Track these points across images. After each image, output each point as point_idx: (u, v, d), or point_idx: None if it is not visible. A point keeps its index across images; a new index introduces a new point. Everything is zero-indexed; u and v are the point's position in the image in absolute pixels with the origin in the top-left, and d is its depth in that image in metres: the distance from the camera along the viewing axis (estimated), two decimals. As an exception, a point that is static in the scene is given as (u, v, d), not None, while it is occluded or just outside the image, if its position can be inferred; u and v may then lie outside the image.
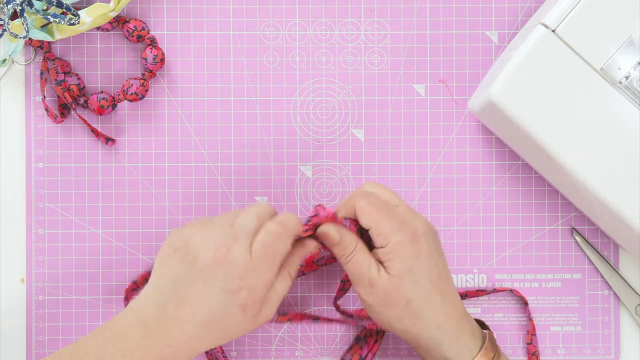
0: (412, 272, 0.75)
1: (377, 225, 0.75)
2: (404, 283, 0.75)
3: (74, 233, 0.88)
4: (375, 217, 0.75)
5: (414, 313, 0.75)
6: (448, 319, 0.76)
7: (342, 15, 0.89)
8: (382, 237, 0.75)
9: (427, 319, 0.75)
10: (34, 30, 0.83)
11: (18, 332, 0.88)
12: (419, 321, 0.76)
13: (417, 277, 0.75)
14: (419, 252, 0.75)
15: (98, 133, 0.87)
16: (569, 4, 0.79)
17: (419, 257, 0.75)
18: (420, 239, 0.75)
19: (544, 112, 0.80)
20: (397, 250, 0.75)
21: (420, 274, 0.75)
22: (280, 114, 0.88)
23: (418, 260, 0.75)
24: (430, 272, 0.75)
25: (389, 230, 0.75)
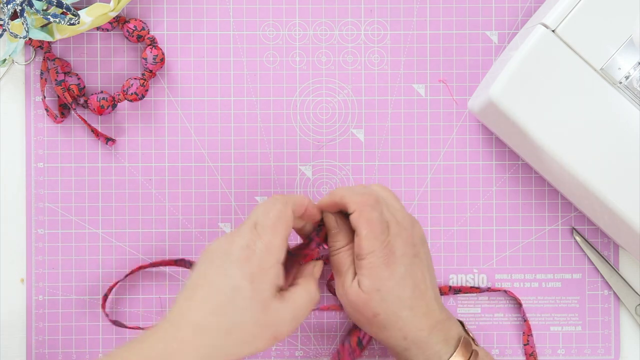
0: (380, 292, 0.75)
1: (361, 240, 0.75)
2: (371, 300, 0.76)
3: (74, 233, 0.88)
4: (364, 232, 0.75)
5: (380, 324, 0.76)
6: (417, 330, 0.76)
7: (342, 15, 0.89)
8: (359, 250, 0.76)
9: (393, 330, 0.76)
10: (34, 30, 0.83)
11: (18, 332, 0.88)
12: (385, 331, 0.77)
13: (385, 296, 0.75)
14: (393, 273, 0.75)
15: (98, 133, 0.87)
16: (569, 4, 0.79)
17: (392, 278, 0.75)
18: (397, 261, 0.75)
19: (544, 112, 0.80)
20: (371, 269, 0.75)
21: (389, 294, 0.75)
22: (280, 114, 0.88)
23: (390, 281, 0.75)
24: (402, 291, 0.76)
25: (369, 249, 0.75)
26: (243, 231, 0.73)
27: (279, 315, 0.72)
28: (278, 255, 0.73)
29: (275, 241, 0.73)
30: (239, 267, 0.71)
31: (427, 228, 0.88)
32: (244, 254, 0.72)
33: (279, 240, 0.73)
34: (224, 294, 0.71)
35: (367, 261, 0.75)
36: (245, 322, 0.71)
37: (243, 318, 0.71)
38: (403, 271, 0.76)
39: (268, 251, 0.73)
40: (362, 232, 0.75)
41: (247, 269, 0.72)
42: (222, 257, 0.72)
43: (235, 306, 0.71)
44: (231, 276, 0.71)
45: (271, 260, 0.73)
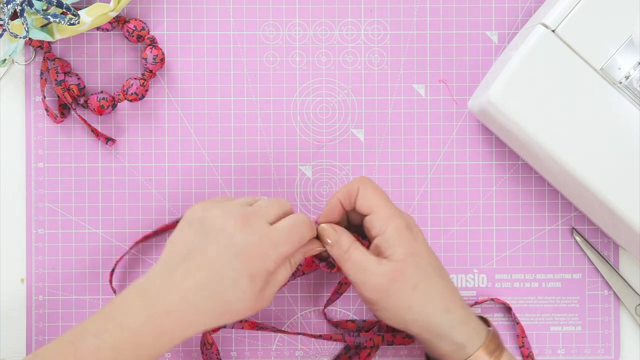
0: (414, 256, 0.75)
1: (379, 209, 0.76)
2: (408, 267, 0.75)
3: (74, 233, 0.88)
4: (377, 202, 0.76)
5: (421, 298, 0.75)
6: (454, 302, 0.76)
7: (342, 15, 0.89)
8: (381, 222, 0.76)
9: (435, 302, 0.76)
10: (34, 30, 0.83)
11: (18, 332, 0.88)
12: (427, 305, 0.76)
13: (419, 260, 0.75)
14: (416, 237, 0.76)
15: (98, 133, 0.87)
16: (569, 4, 0.79)
17: (417, 241, 0.76)
18: (414, 227, 0.77)
19: (543, 112, 0.80)
20: (398, 235, 0.75)
21: (421, 258, 0.76)
22: (280, 114, 0.88)
23: (417, 243, 0.76)
24: (429, 257, 0.76)
25: (389, 214, 0.76)
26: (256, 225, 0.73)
27: (266, 297, 0.74)
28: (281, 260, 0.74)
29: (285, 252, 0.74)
30: (244, 265, 0.72)
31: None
32: (250, 252, 0.72)
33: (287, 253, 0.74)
34: (224, 283, 0.72)
35: (393, 227, 0.75)
36: (240, 309, 0.73)
37: (238, 306, 0.73)
38: (422, 237, 0.77)
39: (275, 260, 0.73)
40: (376, 202, 0.76)
41: (250, 268, 0.72)
42: (227, 244, 0.72)
43: (233, 297, 0.72)
44: (234, 269, 0.72)
45: (271, 267, 0.73)
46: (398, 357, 0.89)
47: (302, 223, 0.75)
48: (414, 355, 0.89)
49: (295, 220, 0.75)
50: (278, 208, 0.76)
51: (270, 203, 0.76)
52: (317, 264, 0.87)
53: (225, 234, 0.72)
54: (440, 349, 0.77)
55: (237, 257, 0.72)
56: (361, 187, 0.77)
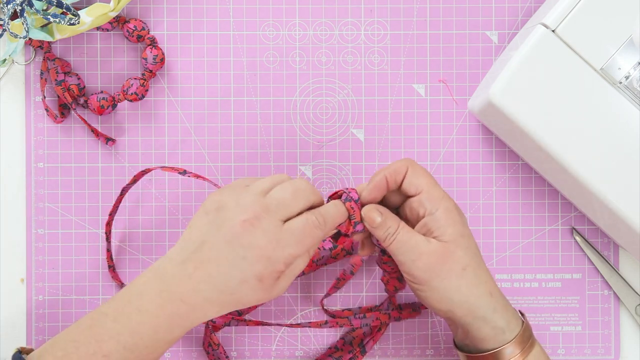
0: (464, 237, 0.76)
1: (429, 189, 0.76)
2: (458, 248, 0.75)
3: (74, 233, 0.88)
4: (427, 181, 0.76)
5: (470, 279, 0.76)
6: (495, 287, 0.77)
7: (342, 15, 0.89)
8: (432, 202, 0.76)
9: (481, 285, 0.76)
10: (34, 30, 0.83)
11: (18, 332, 0.88)
12: (475, 288, 0.76)
13: (468, 243, 0.76)
14: (463, 220, 0.77)
15: (98, 133, 0.87)
16: (569, 4, 0.79)
17: (465, 224, 0.76)
18: (458, 211, 0.77)
19: (543, 112, 0.80)
20: (449, 216, 0.75)
21: (470, 241, 0.76)
22: (280, 114, 0.88)
23: (465, 227, 0.76)
24: (473, 240, 0.77)
25: (440, 195, 0.76)
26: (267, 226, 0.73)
27: (280, 288, 0.74)
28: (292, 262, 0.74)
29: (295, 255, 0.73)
30: (252, 264, 0.72)
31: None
32: (258, 254, 0.72)
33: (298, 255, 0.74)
34: (232, 282, 0.72)
35: (443, 208, 0.75)
36: (250, 302, 0.73)
37: (249, 300, 0.73)
38: (465, 220, 0.77)
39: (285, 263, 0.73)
40: (425, 182, 0.76)
41: (257, 270, 0.72)
42: (236, 244, 0.72)
43: (242, 292, 0.73)
44: (241, 270, 0.72)
45: (282, 268, 0.73)
46: (398, 357, 0.89)
47: (315, 225, 0.74)
48: (414, 355, 0.89)
49: (307, 222, 0.74)
50: (293, 199, 0.74)
51: (285, 193, 0.74)
52: (317, 264, 0.87)
53: (235, 232, 0.72)
54: (480, 333, 0.77)
55: (245, 260, 0.72)
56: (410, 167, 0.77)
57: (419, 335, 0.89)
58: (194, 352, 0.88)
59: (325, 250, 0.87)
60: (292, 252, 0.73)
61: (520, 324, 0.77)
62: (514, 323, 0.77)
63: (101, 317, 0.73)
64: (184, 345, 0.88)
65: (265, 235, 0.72)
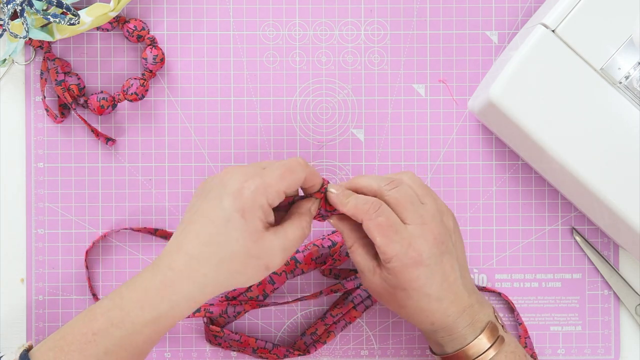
0: (406, 291, 0.76)
1: (381, 245, 0.75)
2: (397, 295, 0.77)
3: (74, 233, 0.88)
4: (379, 239, 0.75)
5: (407, 314, 0.78)
6: (444, 317, 0.77)
7: (342, 15, 0.89)
8: (384, 256, 0.76)
9: (421, 317, 0.77)
10: (34, 30, 0.83)
11: (18, 332, 0.88)
12: (412, 318, 0.78)
13: (411, 294, 0.76)
14: (419, 276, 0.75)
15: (98, 133, 0.87)
16: (569, 4, 0.79)
17: (418, 280, 0.75)
18: (423, 262, 0.75)
19: (544, 112, 0.80)
20: (396, 272, 0.76)
21: (414, 292, 0.76)
22: (280, 114, 0.88)
23: (416, 282, 0.75)
24: (428, 289, 0.76)
25: (392, 253, 0.75)
26: (248, 168, 0.74)
27: (270, 246, 0.73)
28: (272, 198, 0.73)
29: (274, 186, 0.73)
30: (233, 200, 0.72)
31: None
32: (239, 187, 0.72)
33: (278, 188, 0.73)
34: (217, 225, 0.72)
35: (392, 265, 0.75)
36: (237, 252, 0.72)
37: (234, 248, 0.72)
38: (429, 272, 0.75)
39: (262, 191, 0.73)
40: (377, 239, 0.75)
41: (239, 202, 0.72)
42: (219, 189, 0.73)
43: (227, 237, 0.72)
44: (224, 208, 0.72)
45: (261, 200, 0.73)
46: (398, 357, 0.89)
47: (297, 161, 0.74)
48: (414, 355, 0.89)
49: (289, 161, 0.75)
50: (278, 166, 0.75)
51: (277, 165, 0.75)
52: (316, 263, 0.87)
53: (220, 183, 0.74)
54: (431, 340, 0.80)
55: (227, 197, 0.72)
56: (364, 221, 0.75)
57: (419, 335, 0.89)
58: (194, 352, 0.88)
59: (324, 249, 0.87)
60: (269, 180, 0.73)
61: (477, 333, 0.77)
62: (457, 342, 0.77)
63: (102, 300, 0.74)
64: (184, 345, 0.88)
65: (245, 171, 0.73)
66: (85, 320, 0.73)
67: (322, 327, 0.87)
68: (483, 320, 0.78)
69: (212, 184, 0.75)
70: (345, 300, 0.88)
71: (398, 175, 0.78)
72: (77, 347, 0.72)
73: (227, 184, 0.73)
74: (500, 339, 0.77)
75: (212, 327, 0.86)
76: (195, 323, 0.88)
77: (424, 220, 0.76)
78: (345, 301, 0.88)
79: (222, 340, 0.87)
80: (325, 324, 0.87)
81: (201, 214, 0.73)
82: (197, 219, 0.73)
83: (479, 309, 0.78)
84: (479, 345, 0.77)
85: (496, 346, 0.77)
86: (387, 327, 0.89)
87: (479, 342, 0.77)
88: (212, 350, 0.88)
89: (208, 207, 0.73)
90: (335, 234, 0.87)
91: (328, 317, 0.87)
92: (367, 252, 0.77)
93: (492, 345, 0.77)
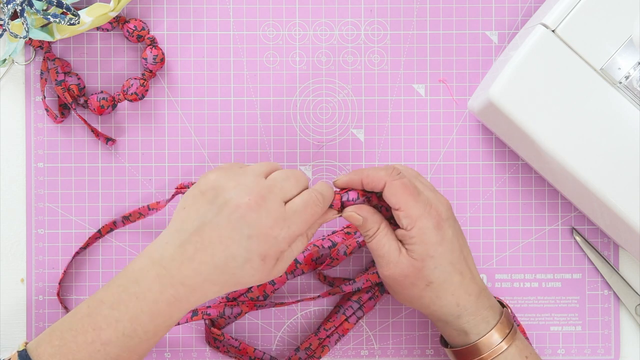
0: (434, 258, 0.76)
1: (406, 207, 0.75)
2: (425, 267, 0.76)
3: (74, 233, 0.88)
4: (404, 200, 0.76)
5: (433, 293, 0.77)
6: (467, 295, 0.77)
7: (342, 15, 0.89)
8: (408, 220, 0.76)
9: (446, 297, 0.77)
10: (34, 30, 0.83)
11: (18, 332, 0.88)
12: (438, 300, 0.77)
13: (438, 262, 0.76)
14: (443, 238, 0.76)
15: (98, 133, 0.87)
16: (569, 4, 0.80)
17: (442, 243, 0.76)
18: (444, 224, 0.76)
19: (544, 112, 0.80)
20: (422, 235, 0.75)
21: (441, 259, 0.76)
22: (280, 114, 0.88)
23: (441, 246, 0.76)
24: (451, 255, 0.76)
25: (417, 214, 0.75)
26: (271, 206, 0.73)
27: (279, 270, 0.75)
28: (294, 240, 0.74)
29: (298, 233, 0.74)
30: (257, 245, 0.72)
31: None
32: (264, 233, 0.72)
33: (300, 233, 0.74)
34: (236, 262, 0.72)
35: (417, 227, 0.75)
36: (250, 282, 0.74)
37: (249, 281, 0.74)
38: (451, 234, 0.76)
39: (288, 240, 0.73)
40: (401, 200, 0.75)
41: (263, 249, 0.72)
42: (240, 224, 0.72)
43: (244, 272, 0.73)
44: (247, 249, 0.72)
45: (284, 247, 0.74)
46: (398, 357, 0.89)
47: (316, 202, 0.75)
48: (414, 355, 0.89)
49: (309, 199, 0.74)
50: (294, 183, 0.75)
51: (286, 177, 0.75)
52: (316, 263, 0.87)
53: (239, 213, 0.72)
54: (444, 332, 0.80)
55: (250, 239, 0.72)
56: (388, 183, 0.76)
57: (419, 335, 0.89)
58: (194, 352, 0.88)
59: (325, 249, 0.87)
60: (296, 230, 0.73)
61: (495, 322, 0.77)
62: (482, 327, 0.77)
63: (98, 305, 0.73)
64: (184, 345, 0.88)
65: (271, 215, 0.72)
66: (87, 328, 0.72)
67: (315, 342, 0.87)
68: (497, 306, 0.79)
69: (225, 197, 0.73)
70: (337, 313, 0.87)
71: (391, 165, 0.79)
72: (86, 355, 0.72)
73: (249, 221, 0.72)
74: (514, 328, 0.78)
75: (213, 330, 0.86)
76: (195, 324, 0.88)
77: (433, 190, 0.78)
78: (337, 314, 0.87)
79: (221, 345, 0.87)
80: (319, 338, 0.87)
81: (218, 239, 0.72)
82: (213, 242, 0.72)
83: (489, 294, 0.79)
84: (496, 336, 0.77)
85: (510, 337, 0.78)
86: (387, 327, 0.89)
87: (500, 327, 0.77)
88: (212, 352, 0.88)
89: (226, 235, 0.72)
90: (335, 234, 0.87)
91: (321, 331, 0.87)
92: (391, 232, 0.77)
93: (508, 335, 0.77)
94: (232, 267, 0.72)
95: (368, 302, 0.87)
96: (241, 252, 0.72)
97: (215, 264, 0.72)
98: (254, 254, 0.72)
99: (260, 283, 0.74)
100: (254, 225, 0.72)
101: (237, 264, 0.72)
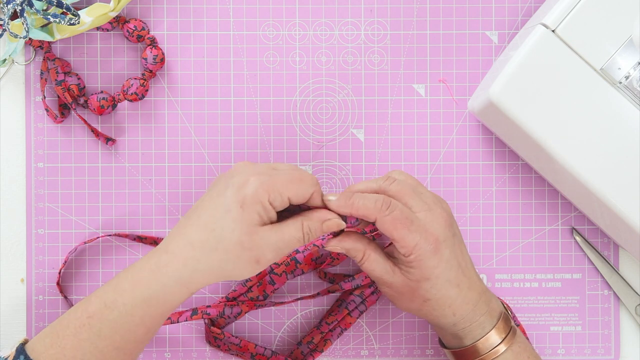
0: (430, 280, 0.76)
1: (400, 239, 0.75)
2: (420, 287, 0.77)
3: (74, 233, 0.88)
4: (397, 232, 0.75)
5: (430, 307, 0.78)
6: (464, 305, 0.77)
7: (342, 15, 0.89)
8: (405, 249, 0.76)
9: (443, 309, 0.77)
10: (34, 30, 0.83)
11: (18, 332, 0.88)
12: (435, 312, 0.78)
13: (434, 283, 0.76)
14: (440, 259, 0.76)
15: (98, 133, 0.87)
16: (569, 4, 0.80)
17: (439, 265, 0.76)
18: (441, 246, 0.76)
19: (543, 112, 0.80)
20: (420, 261, 0.76)
21: (437, 280, 0.76)
22: (280, 114, 0.88)
23: (437, 269, 0.76)
24: (448, 273, 0.76)
25: (412, 244, 0.75)
26: (258, 166, 0.75)
27: (263, 241, 0.74)
28: (273, 198, 0.73)
29: (279, 188, 0.73)
30: (235, 191, 0.73)
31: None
32: (244, 180, 0.73)
33: (282, 191, 0.73)
34: (216, 213, 0.73)
35: (415, 255, 0.75)
36: (230, 241, 0.73)
37: (228, 237, 0.73)
38: (448, 254, 0.76)
39: (265, 188, 0.73)
40: (395, 233, 0.75)
41: (240, 194, 0.73)
42: (226, 180, 0.74)
43: (224, 225, 0.73)
44: (226, 197, 0.73)
45: (262, 196, 0.73)
46: (398, 357, 0.89)
47: (309, 177, 0.75)
48: (414, 355, 0.89)
49: (301, 172, 0.75)
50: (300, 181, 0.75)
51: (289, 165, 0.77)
52: (316, 263, 0.87)
53: (229, 175, 0.75)
54: (440, 335, 0.81)
55: (231, 188, 0.73)
56: (378, 220, 0.75)
57: (419, 335, 0.89)
58: (194, 352, 0.88)
59: (325, 249, 0.87)
60: (279, 187, 0.73)
61: (491, 326, 0.78)
62: (477, 332, 0.78)
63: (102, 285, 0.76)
64: (184, 345, 0.88)
65: (256, 169, 0.74)
66: (81, 305, 0.75)
67: (318, 336, 0.87)
68: (496, 308, 0.79)
69: (226, 175, 0.76)
70: (339, 307, 0.87)
71: (388, 174, 0.79)
72: (72, 330, 0.74)
73: (235, 176, 0.74)
74: (512, 330, 0.78)
75: (213, 329, 0.86)
76: (195, 323, 0.88)
77: (429, 206, 0.76)
78: (339, 308, 0.87)
79: (221, 343, 0.87)
80: (321, 332, 0.87)
81: (206, 201, 0.75)
82: (201, 205, 0.75)
83: (490, 296, 0.79)
84: (494, 337, 0.78)
85: (509, 338, 0.78)
86: (387, 327, 0.89)
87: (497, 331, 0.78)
88: (212, 351, 0.88)
89: (214, 194, 0.74)
90: (335, 234, 0.87)
91: (323, 325, 0.87)
92: (380, 256, 0.78)
93: (506, 337, 0.78)
94: (211, 221, 0.73)
95: (370, 297, 0.87)
96: (221, 201, 0.73)
97: (196, 223, 0.74)
98: (232, 200, 0.73)
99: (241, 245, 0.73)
100: (234, 177, 0.74)
101: (216, 215, 0.73)
